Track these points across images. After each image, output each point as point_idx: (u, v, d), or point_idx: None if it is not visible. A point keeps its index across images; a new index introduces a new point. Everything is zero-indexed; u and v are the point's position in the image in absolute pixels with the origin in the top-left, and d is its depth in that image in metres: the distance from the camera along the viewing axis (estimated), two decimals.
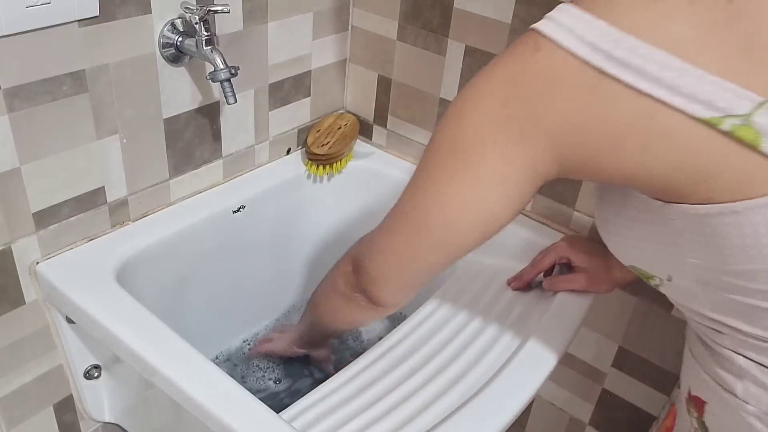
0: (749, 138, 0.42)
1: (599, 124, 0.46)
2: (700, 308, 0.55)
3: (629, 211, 0.54)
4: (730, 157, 0.44)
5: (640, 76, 0.44)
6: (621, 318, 1.04)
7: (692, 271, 0.52)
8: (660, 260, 0.54)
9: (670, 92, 0.43)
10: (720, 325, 0.54)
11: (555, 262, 0.91)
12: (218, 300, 1.09)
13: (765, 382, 0.52)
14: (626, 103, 0.44)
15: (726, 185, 0.45)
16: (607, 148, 0.47)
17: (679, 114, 0.43)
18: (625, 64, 0.44)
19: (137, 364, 0.75)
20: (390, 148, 1.19)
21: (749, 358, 0.53)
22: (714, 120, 0.43)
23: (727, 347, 0.55)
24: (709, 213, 0.46)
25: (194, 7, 0.83)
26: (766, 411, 0.53)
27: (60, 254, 0.86)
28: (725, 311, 0.52)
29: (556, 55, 0.46)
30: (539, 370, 0.77)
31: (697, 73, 0.43)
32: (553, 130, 0.48)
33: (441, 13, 1.02)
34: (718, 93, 0.43)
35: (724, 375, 0.56)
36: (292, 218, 1.15)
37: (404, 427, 0.72)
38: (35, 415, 0.93)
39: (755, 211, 0.45)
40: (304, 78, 1.10)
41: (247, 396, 0.69)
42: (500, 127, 0.50)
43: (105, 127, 0.84)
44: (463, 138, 0.52)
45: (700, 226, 0.48)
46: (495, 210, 0.54)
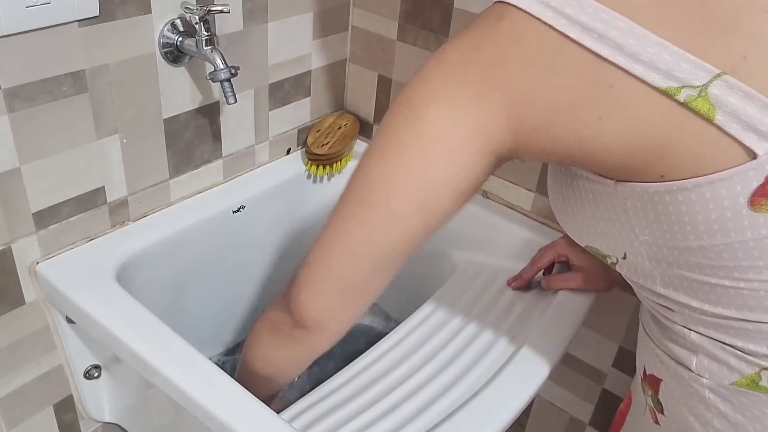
0: (704, 110, 0.42)
1: (558, 90, 0.46)
2: (652, 285, 0.55)
3: (581, 191, 0.54)
4: (686, 129, 0.44)
5: (602, 42, 0.44)
6: (621, 318, 1.04)
7: (644, 248, 0.52)
8: (614, 239, 0.54)
9: (630, 60, 0.43)
10: (671, 302, 0.55)
11: (554, 260, 0.91)
12: (218, 300, 1.09)
13: (717, 355, 0.53)
14: (586, 69, 0.44)
15: (679, 162, 0.45)
16: (562, 118, 0.46)
17: (638, 83, 0.43)
18: (588, 28, 0.44)
19: (137, 364, 0.75)
20: None
21: (700, 333, 0.54)
22: (671, 90, 0.43)
23: (678, 323, 0.56)
24: (659, 191, 0.47)
25: (194, 7, 0.83)
26: (719, 383, 0.54)
27: (60, 254, 0.86)
28: (675, 287, 0.53)
29: (519, 22, 0.46)
30: (539, 370, 0.77)
31: (658, 41, 0.43)
32: (511, 93, 0.47)
33: (441, 13, 1.02)
34: (677, 63, 0.43)
35: (677, 350, 0.57)
36: (292, 218, 1.15)
37: (404, 427, 0.72)
38: (35, 415, 0.93)
39: (705, 188, 0.45)
40: (304, 78, 1.10)
41: (247, 396, 0.69)
42: (456, 86, 0.49)
43: (105, 127, 0.84)
44: (416, 95, 0.51)
45: (652, 204, 0.48)
46: (440, 179, 0.51)
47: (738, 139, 0.43)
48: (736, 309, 0.50)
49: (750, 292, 0.49)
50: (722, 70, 0.42)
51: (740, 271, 0.48)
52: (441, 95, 0.50)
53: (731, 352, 0.52)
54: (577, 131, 0.46)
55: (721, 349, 0.53)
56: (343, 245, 0.57)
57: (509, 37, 0.47)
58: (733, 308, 0.50)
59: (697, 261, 0.49)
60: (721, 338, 0.53)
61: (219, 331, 1.13)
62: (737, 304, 0.50)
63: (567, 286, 0.88)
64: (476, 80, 0.48)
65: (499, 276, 0.96)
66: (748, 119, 0.42)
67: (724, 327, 0.52)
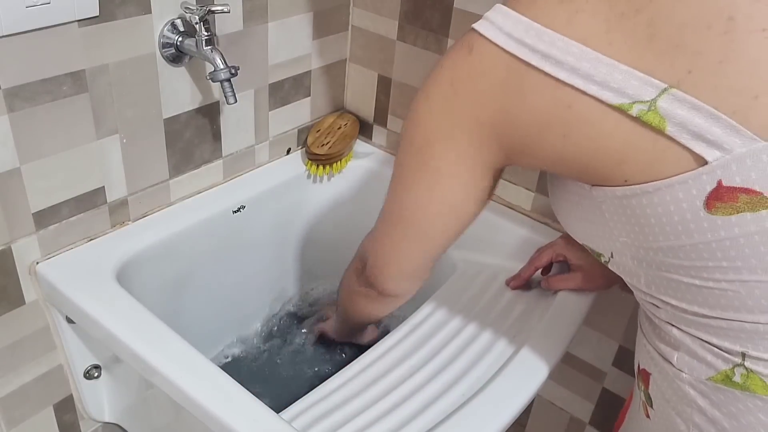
0: (655, 122, 0.46)
1: (527, 114, 0.51)
2: (638, 284, 0.58)
3: (568, 193, 0.58)
4: (640, 140, 0.47)
5: (559, 67, 0.48)
6: (621, 317, 1.04)
7: (624, 249, 0.55)
8: (598, 239, 0.58)
9: (585, 81, 0.47)
10: (655, 300, 0.58)
11: (552, 260, 0.92)
12: (218, 300, 1.09)
13: (696, 351, 0.56)
14: (548, 92, 0.49)
15: (639, 167, 0.48)
16: (535, 137, 0.51)
17: (594, 101, 0.47)
18: (546, 56, 0.48)
19: (137, 364, 0.75)
20: (390, 148, 1.19)
21: (682, 330, 0.57)
22: (624, 106, 0.46)
23: (663, 320, 0.59)
24: (626, 194, 0.50)
25: (194, 7, 0.83)
26: (698, 378, 0.56)
27: (60, 254, 0.86)
28: (657, 286, 0.56)
29: (486, 53, 0.51)
30: (539, 370, 0.77)
31: (609, 62, 0.46)
32: (491, 124, 0.53)
33: (441, 13, 1.02)
34: (627, 81, 0.46)
35: (662, 346, 0.60)
36: (292, 218, 1.15)
37: (404, 427, 0.72)
38: (35, 415, 0.93)
39: (665, 191, 0.48)
40: (304, 78, 1.10)
41: (247, 396, 0.69)
42: (447, 124, 0.55)
43: (105, 127, 0.84)
44: (418, 137, 0.58)
45: (622, 207, 0.51)
46: (458, 198, 0.60)
47: (689, 148, 0.46)
48: (709, 308, 0.53)
49: (720, 292, 0.51)
50: (669, 84, 0.45)
51: (708, 272, 0.51)
52: (438, 135, 0.56)
53: (708, 349, 0.55)
54: (549, 147, 0.51)
55: (699, 346, 0.55)
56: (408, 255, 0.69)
57: (479, 68, 0.52)
58: (707, 307, 0.53)
59: (670, 261, 0.52)
60: (700, 335, 0.55)
61: (219, 331, 1.13)
62: (710, 303, 0.52)
63: (566, 287, 0.89)
64: (461, 116, 0.54)
65: (499, 276, 0.96)
66: (696, 129, 0.45)
67: (702, 324, 0.54)
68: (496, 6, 0.52)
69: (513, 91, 0.50)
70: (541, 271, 0.93)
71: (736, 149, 0.45)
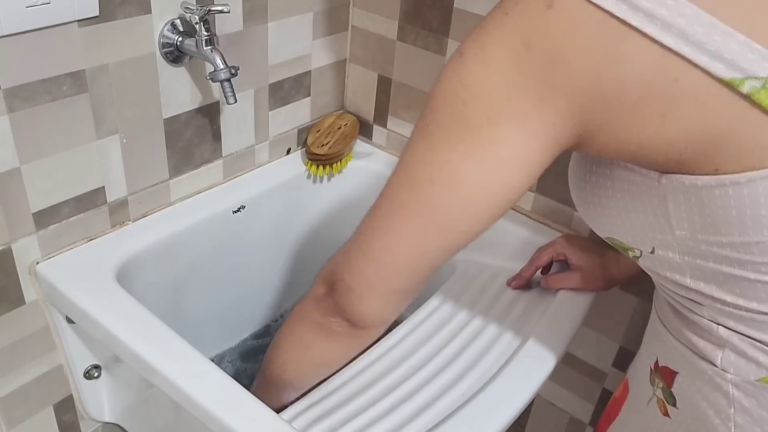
0: (766, 103, 0.41)
1: (621, 85, 0.43)
2: (681, 279, 0.54)
3: (615, 182, 0.52)
4: (746, 122, 0.42)
5: (666, 30, 0.41)
6: (621, 317, 1.04)
7: (678, 242, 0.51)
8: (644, 231, 0.53)
9: (695, 49, 0.41)
10: (700, 296, 0.53)
11: (552, 259, 0.91)
12: (218, 300, 1.09)
13: (746, 351, 0.52)
14: (650, 61, 0.42)
15: (737, 154, 0.43)
16: (626, 113, 0.44)
17: (702, 74, 0.41)
18: (651, 15, 0.41)
19: (137, 364, 0.75)
20: (390, 148, 1.19)
21: (729, 328, 0.53)
22: (735, 81, 0.41)
23: (705, 317, 0.55)
24: (710, 185, 0.45)
25: (194, 7, 0.83)
26: (745, 379, 0.53)
27: (60, 254, 0.86)
28: (708, 281, 0.52)
29: (573, 9, 0.42)
30: (539, 370, 0.77)
31: (725, 29, 0.41)
32: (574, 95, 0.44)
33: (441, 13, 1.02)
34: (743, 53, 0.41)
35: (702, 344, 0.56)
36: (292, 218, 1.15)
37: (404, 427, 0.72)
38: (35, 415, 0.93)
39: (758, 183, 0.44)
40: (304, 78, 1.10)
41: (247, 396, 0.69)
42: (517, 98, 0.46)
43: (105, 127, 0.84)
44: (473, 112, 0.47)
45: (697, 198, 0.47)
46: (513, 188, 0.50)
47: None
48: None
49: None
50: None
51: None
52: (506, 111, 0.46)
53: (761, 348, 0.52)
54: (639, 127, 0.44)
55: (750, 345, 0.52)
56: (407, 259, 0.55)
57: (564, 27, 0.43)
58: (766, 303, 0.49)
59: (738, 256, 0.48)
60: (752, 334, 0.52)
61: (219, 331, 1.13)
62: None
63: (565, 286, 0.89)
64: (536, 84, 0.45)
65: (499, 276, 0.96)
66: None
67: (757, 323, 0.51)
68: None
69: (606, 56, 0.42)
70: (541, 270, 0.93)
71: None
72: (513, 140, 0.47)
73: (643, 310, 1.00)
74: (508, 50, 0.45)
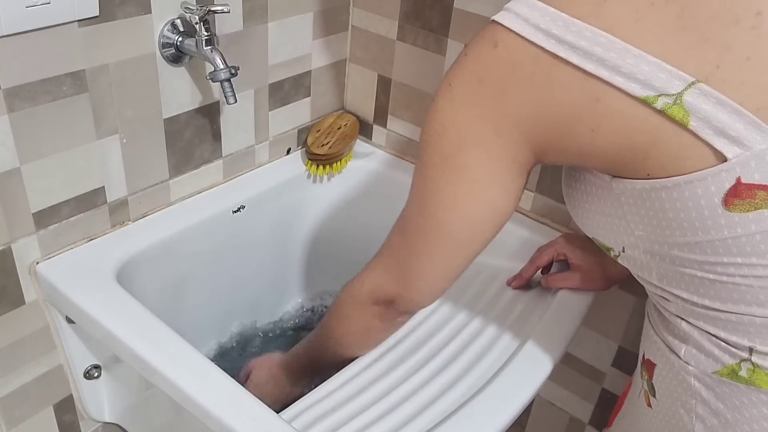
0: (679, 116, 0.46)
1: (556, 109, 0.49)
2: (649, 277, 0.58)
3: (585, 184, 0.57)
4: (665, 135, 0.47)
5: (586, 58, 0.47)
6: (621, 317, 1.04)
7: (639, 242, 0.55)
8: (612, 233, 0.57)
9: (612, 72, 0.46)
10: (666, 293, 0.58)
11: (552, 259, 0.92)
12: (218, 300, 1.09)
13: (704, 345, 0.56)
14: (576, 86, 0.48)
15: (662, 162, 0.48)
16: (564, 131, 0.50)
17: (620, 94, 0.46)
18: (574, 47, 0.47)
19: (137, 364, 0.75)
20: (390, 148, 1.19)
21: (691, 323, 0.57)
22: (650, 99, 0.46)
23: (673, 313, 0.59)
24: (645, 188, 0.50)
25: (194, 7, 0.83)
26: (705, 371, 0.57)
27: (60, 254, 0.86)
28: (669, 280, 0.56)
29: (513, 47, 0.50)
30: (539, 370, 0.77)
31: (637, 53, 0.46)
32: (521, 121, 0.51)
33: (441, 13, 1.02)
34: (654, 73, 0.46)
35: (670, 339, 0.60)
36: (292, 218, 1.15)
37: (404, 427, 0.72)
38: (35, 415, 0.93)
39: (684, 187, 0.48)
40: (304, 78, 1.10)
41: (247, 396, 0.69)
42: (477, 126, 0.53)
43: (105, 127, 0.84)
44: (447, 143, 0.55)
45: (641, 201, 0.51)
46: (497, 203, 0.58)
47: (710, 144, 0.46)
48: (720, 301, 0.53)
49: (733, 286, 0.51)
50: (697, 78, 0.45)
51: (722, 267, 0.51)
52: (469, 139, 0.54)
53: (716, 343, 0.55)
54: (577, 141, 0.50)
55: (707, 340, 0.56)
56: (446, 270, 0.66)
57: (507, 63, 0.50)
58: (719, 300, 0.53)
59: (685, 256, 0.52)
60: (708, 329, 0.56)
61: (219, 331, 1.13)
62: (722, 296, 0.53)
63: (565, 285, 0.89)
64: (491, 114, 0.52)
65: (499, 276, 0.96)
66: (720, 125, 0.45)
67: (711, 318, 0.55)
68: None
69: (541, 84, 0.49)
70: (541, 270, 0.93)
71: (756, 146, 0.45)
72: (481, 164, 0.55)
73: (642, 309, 0.99)
74: (467, 86, 0.53)
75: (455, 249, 0.63)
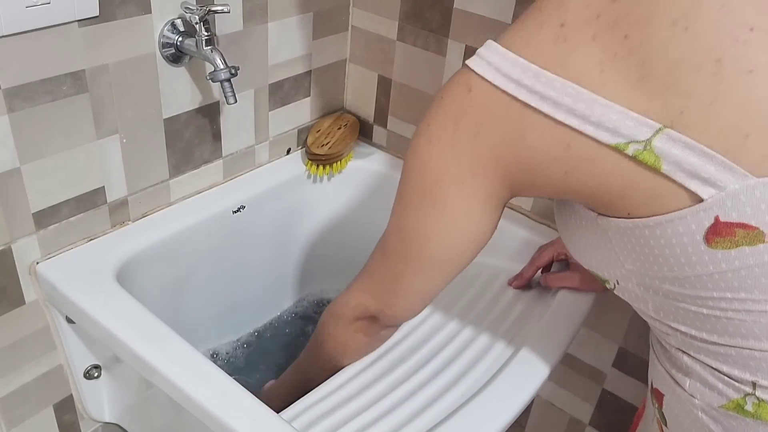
0: (651, 161, 0.47)
1: (528, 152, 0.51)
2: (646, 310, 0.59)
3: (575, 217, 0.58)
4: (639, 178, 0.48)
5: (556, 108, 0.48)
6: (621, 318, 1.04)
7: (632, 276, 0.56)
8: (605, 264, 0.58)
9: (581, 121, 0.48)
10: (664, 326, 0.58)
11: (553, 258, 0.92)
12: (218, 300, 1.09)
13: (707, 379, 0.56)
14: (547, 132, 0.49)
15: (640, 202, 0.49)
16: (538, 173, 0.52)
17: (591, 141, 0.48)
18: (544, 97, 0.49)
19: (137, 364, 0.75)
20: (390, 148, 1.19)
21: (692, 357, 0.57)
22: (621, 146, 0.47)
23: (674, 345, 0.59)
24: (629, 227, 0.51)
25: (194, 7, 0.83)
26: (710, 404, 0.56)
27: (60, 254, 0.86)
28: (665, 313, 0.56)
29: (486, 92, 0.51)
30: (539, 370, 0.77)
31: (604, 103, 0.47)
32: (495, 162, 0.53)
33: (441, 14, 1.02)
34: (622, 121, 0.47)
35: (674, 371, 0.60)
36: (291, 218, 1.15)
37: (404, 427, 0.72)
38: (35, 415, 0.93)
39: (665, 225, 0.49)
40: (304, 78, 1.10)
41: (247, 396, 0.69)
42: (453, 166, 0.55)
43: (105, 127, 0.84)
44: (426, 178, 0.58)
45: (627, 237, 0.52)
46: (473, 232, 0.60)
47: (684, 186, 0.47)
48: (718, 335, 0.53)
49: (727, 320, 0.51)
50: (663, 124, 0.46)
51: (713, 301, 0.51)
52: (446, 177, 0.56)
53: (719, 377, 0.55)
54: (552, 182, 0.52)
55: (710, 374, 0.55)
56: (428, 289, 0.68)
57: (480, 107, 0.52)
58: (716, 334, 0.53)
59: (676, 290, 0.53)
60: (710, 363, 0.55)
61: (219, 331, 1.13)
62: (718, 330, 0.53)
63: (565, 285, 0.89)
64: (467, 155, 0.54)
65: (499, 276, 0.96)
66: (691, 167, 0.46)
67: (712, 352, 0.54)
68: (490, 43, 0.52)
69: (514, 129, 0.51)
70: (541, 270, 0.93)
71: (730, 186, 0.46)
72: (457, 199, 0.57)
73: None
74: (444, 128, 0.55)
75: (434, 272, 0.65)
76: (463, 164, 0.55)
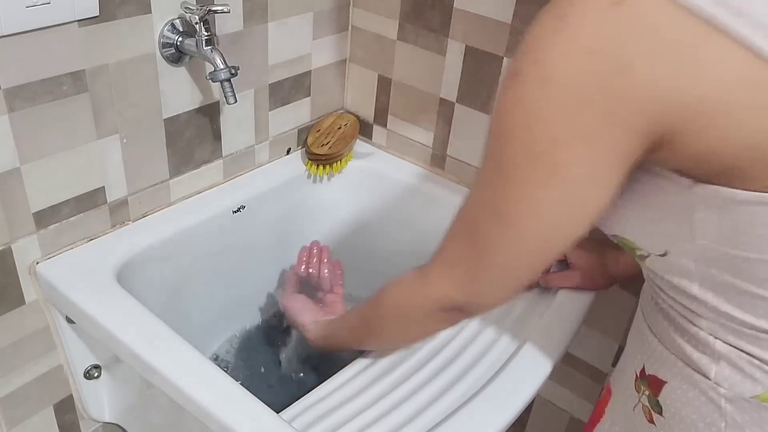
0: None
1: (699, 94, 0.38)
2: (687, 286, 0.52)
3: (638, 184, 0.49)
4: None
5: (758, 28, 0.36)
6: (621, 317, 1.04)
7: (697, 250, 0.48)
8: (660, 236, 0.50)
9: None
10: (703, 306, 0.52)
11: None
12: (218, 300, 1.09)
13: (743, 367, 0.52)
14: (737, 65, 0.37)
15: None
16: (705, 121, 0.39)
17: None
18: (741, 13, 0.36)
19: (137, 364, 0.75)
20: (390, 148, 1.19)
21: (728, 342, 0.52)
22: None
23: (703, 329, 0.54)
24: (749, 200, 0.42)
25: (194, 7, 0.83)
26: (740, 394, 0.53)
27: (60, 254, 0.86)
28: (717, 292, 0.50)
29: (644, 5, 0.38)
30: (539, 370, 0.77)
31: None
32: (644, 107, 0.40)
33: (441, 13, 1.02)
34: None
35: (696, 356, 0.55)
36: (292, 218, 1.15)
37: (404, 427, 0.72)
38: (35, 415, 0.93)
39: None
40: (304, 78, 1.10)
41: (247, 396, 0.69)
42: (581, 115, 0.41)
43: (105, 127, 0.84)
44: (537, 137, 0.44)
45: (727, 211, 0.44)
46: (595, 207, 0.48)
47: None
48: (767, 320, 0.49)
49: None
50: None
51: None
52: (570, 131, 0.42)
53: (758, 366, 0.51)
54: (716, 136, 0.40)
55: (747, 362, 0.52)
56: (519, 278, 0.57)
57: (633, 28, 0.38)
58: (764, 319, 0.49)
59: (755, 273, 0.47)
60: (751, 350, 0.51)
61: (219, 331, 1.13)
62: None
63: (565, 285, 0.88)
64: (602, 97, 0.40)
65: None
66: None
67: (760, 340, 0.51)
68: None
69: (682, 61, 0.38)
70: None
71: None
72: (582, 161, 0.44)
73: None
74: (567, 61, 0.40)
75: (539, 255, 0.53)
76: (596, 110, 0.41)
